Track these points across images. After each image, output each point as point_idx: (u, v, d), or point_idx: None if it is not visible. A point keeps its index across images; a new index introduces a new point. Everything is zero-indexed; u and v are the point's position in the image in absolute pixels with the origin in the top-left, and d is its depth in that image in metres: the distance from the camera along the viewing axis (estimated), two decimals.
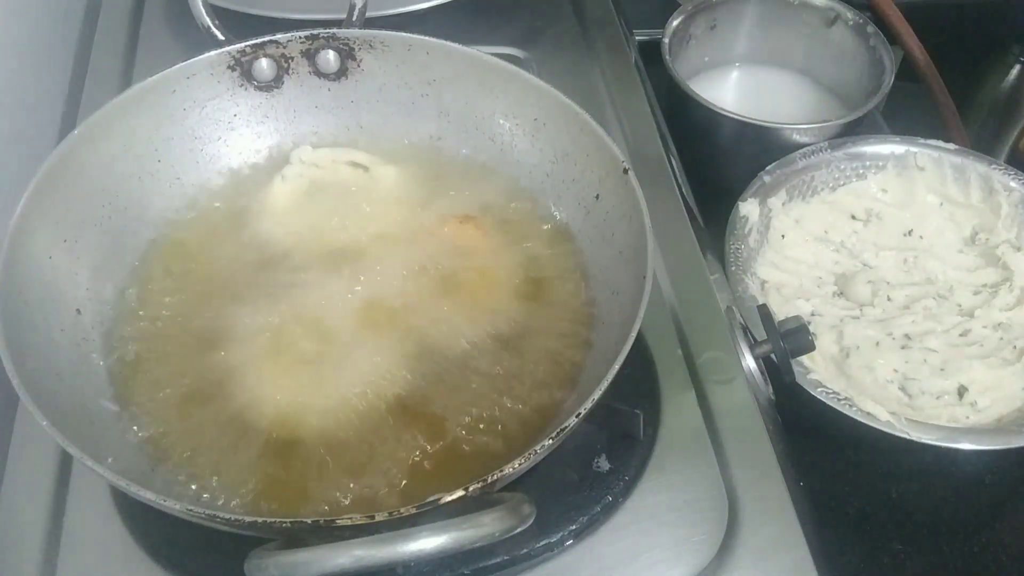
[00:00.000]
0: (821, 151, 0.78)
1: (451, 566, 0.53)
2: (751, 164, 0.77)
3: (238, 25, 0.70)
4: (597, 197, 0.62)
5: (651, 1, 0.97)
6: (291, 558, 0.41)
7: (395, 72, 0.68)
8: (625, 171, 0.58)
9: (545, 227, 0.66)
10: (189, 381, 0.56)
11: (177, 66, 0.64)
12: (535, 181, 0.67)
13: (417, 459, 0.53)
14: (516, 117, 0.67)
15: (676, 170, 0.71)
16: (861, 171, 0.79)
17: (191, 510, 0.43)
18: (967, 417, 0.66)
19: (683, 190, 0.70)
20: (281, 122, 0.69)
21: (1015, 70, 1.07)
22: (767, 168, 0.76)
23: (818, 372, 0.65)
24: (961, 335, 0.71)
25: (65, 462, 0.58)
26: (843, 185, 0.79)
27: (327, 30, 0.67)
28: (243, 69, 0.66)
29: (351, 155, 0.68)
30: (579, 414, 0.46)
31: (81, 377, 0.54)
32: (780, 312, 0.70)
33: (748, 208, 0.74)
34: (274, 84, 0.68)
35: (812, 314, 0.72)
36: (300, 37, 0.67)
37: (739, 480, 0.59)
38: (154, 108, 0.63)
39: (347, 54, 0.68)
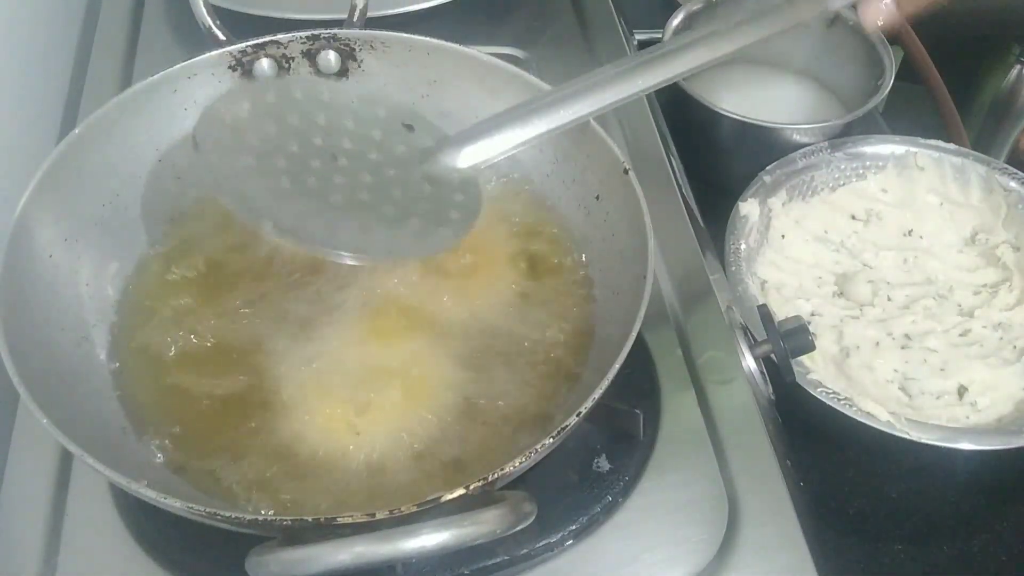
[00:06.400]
0: (821, 151, 0.78)
1: (451, 565, 0.53)
2: (751, 164, 0.77)
3: (239, 25, 0.70)
4: (597, 197, 0.62)
5: (651, 1, 0.97)
6: (292, 555, 0.41)
7: (396, 72, 0.68)
8: (625, 171, 0.58)
9: (545, 228, 0.66)
10: (190, 378, 0.56)
11: (177, 66, 0.64)
12: (535, 181, 0.67)
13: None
14: None
15: (676, 170, 0.71)
16: (861, 171, 0.79)
17: (191, 508, 0.43)
18: (967, 417, 0.66)
19: (683, 190, 0.70)
20: None
21: (1015, 70, 1.08)
22: (767, 168, 0.76)
23: (818, 372, 0.65)
24: (961, 335, 0.71)
25: (65, 462, 0.58)
26: (843, 185, 0.79)
27: (328, 30, 0.67)
28: (244, 69, 0.66)
29: None
30: (579, 413, 0.46)
31: (82, 376, 0.54)
32: (780, 312, 0.70)
33: (748, 208, 0.74)
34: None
35: (812, 314, 0.72)
36: (301, 37, 0.67)
37: (739, 480, 0.59)
38: (154, 108, 0.63)
39: (348, 54, 0.68)
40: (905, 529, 0.65)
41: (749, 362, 0.59)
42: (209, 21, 0.67)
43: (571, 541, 0.56)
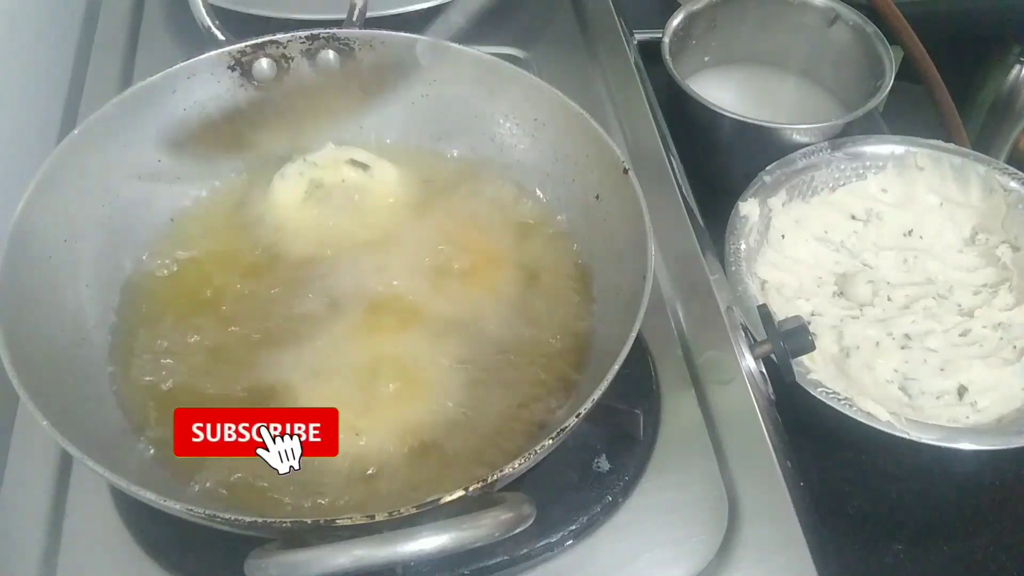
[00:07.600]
0: (821, 151, 0.78)
1: (451, 566, 0.53)
2: (751, 164, 0.77)
3: (238, 25, 0.70)
4: (597, 197, 0.62)
5: (651, 1, 0.97)
6: (291, 558, 0.41)
7: (395, 72, 0.68)
8: (625, 171, 0.58)
9: (545, 227, 0.66)
10: (190, 379, 0.56)
11: (177, 66, 0.64)
12: (535, 181, 0.67)
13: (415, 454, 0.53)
14: (516, 117, 0.67)
15: (676, 170, 0.71)
16: (861, 171, 0.79)
17: (191, 510, 0.43)
18: (967, 417, 0.66)
19: (683, 190, 0.70)
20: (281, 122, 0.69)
21: (1015, 70, 1.07)
22: (767, 168, 0.76)
23: (818, 372, 0.65)
24: (961, 335, 0.70)
25: (65, 462, 0.58)
26: (843, 185, 0.79)
27: (327, 30, 0.67)
28: (243, 69, 0.66)
29: (351, 153, 0.68)
30: (579, 414, 0.46)
31: (82, 377, 0.54)
32: (780, 312, 0.70)
33: (748, 208, 0.73)
34: (274, 84, 0.68)
35: (812, 314, 0.72)
36: (300, 37, 0.67)
37: (739, 480, 0.59)
38: (154, 108, 0.63)
39: (347, 54, 0.68)
40: (905, 529, 0.65)
41: (749, 362, 0.59)
42: (208, 21, 0.67)
43: (571, 541, 0.56)
